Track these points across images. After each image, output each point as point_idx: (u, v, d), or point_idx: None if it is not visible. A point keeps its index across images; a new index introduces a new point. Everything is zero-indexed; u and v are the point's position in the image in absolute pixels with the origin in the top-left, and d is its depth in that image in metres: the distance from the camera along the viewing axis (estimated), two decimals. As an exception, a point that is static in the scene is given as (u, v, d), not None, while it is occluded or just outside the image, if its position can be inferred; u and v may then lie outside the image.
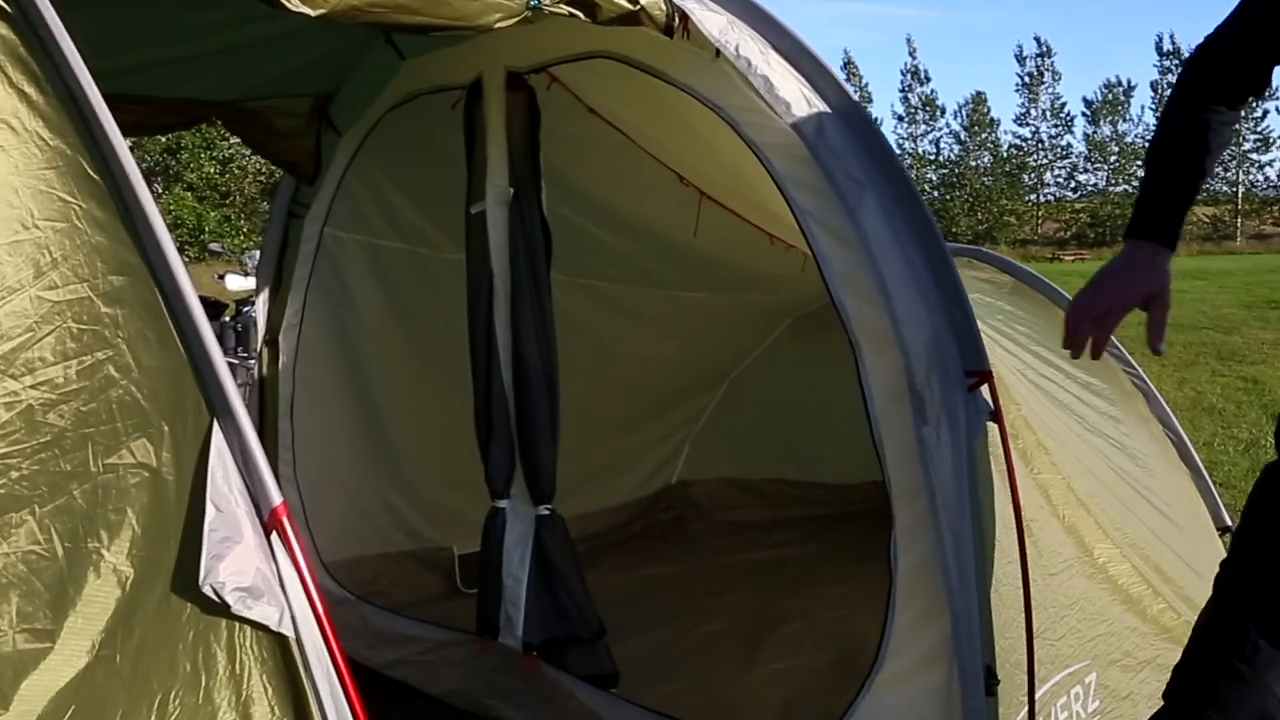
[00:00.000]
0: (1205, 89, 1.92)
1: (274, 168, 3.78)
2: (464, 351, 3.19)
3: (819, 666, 3.77)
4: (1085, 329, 1.85)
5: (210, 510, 1.42)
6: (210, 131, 25.48)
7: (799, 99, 2.33)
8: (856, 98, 2.44)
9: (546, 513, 3.11)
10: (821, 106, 2.32)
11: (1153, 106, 50.76)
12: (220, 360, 1.46)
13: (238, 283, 8.01)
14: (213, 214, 25.99)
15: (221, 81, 3.21)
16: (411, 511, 4.19)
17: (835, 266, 2.29)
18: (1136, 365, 3.90)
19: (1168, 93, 2.21)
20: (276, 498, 1.47)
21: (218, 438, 1.45)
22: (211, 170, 26.19)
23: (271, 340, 3.83)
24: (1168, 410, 4.01)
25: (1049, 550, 2.48)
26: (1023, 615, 2.24)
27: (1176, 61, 60.51)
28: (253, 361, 3.85)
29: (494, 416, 3.12)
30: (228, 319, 7.82)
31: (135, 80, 2.98)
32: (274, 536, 1.45)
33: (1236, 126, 2.08)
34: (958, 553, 2.12)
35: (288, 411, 3.81)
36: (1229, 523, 3.96)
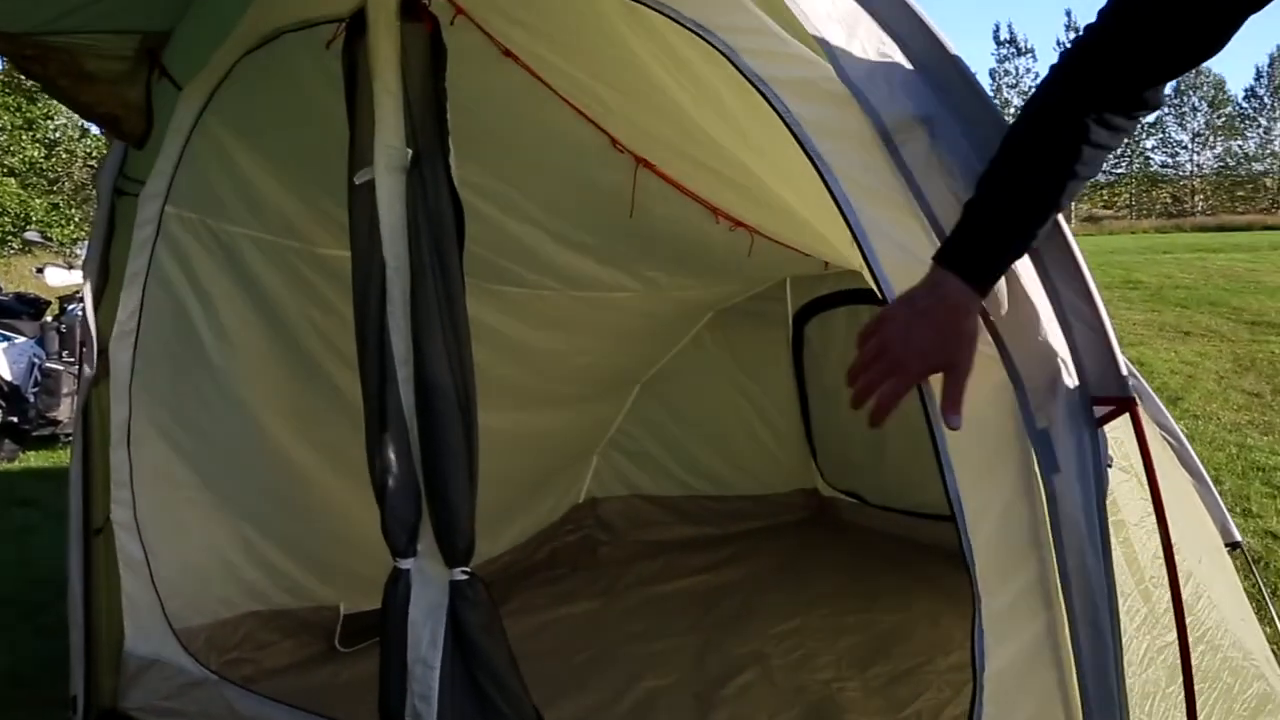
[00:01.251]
0: (1096, 84, 1.44)
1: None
2: (353, 367, 2.43)
3: (786, 728, 3.18)
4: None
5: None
6: (32, 109, 23.30)
7: (827, 15, 1.67)
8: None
9: (464, 577, 2.39)
10: (870, 24, 1.66)
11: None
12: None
13: (59, 277, 7.06)
14: (39, 201, 23.71)
15: (10, 6, 2.34)
16: (289, 564, 3.45)
17: (884, 250, 1.60)
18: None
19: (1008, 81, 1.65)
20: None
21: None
22: (35, 154, 23.90)
23: (102, 350, 2.98)
24: (1162, 408, 3.53)
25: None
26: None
27: (1014, 50, 62.77)
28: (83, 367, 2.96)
29: (391, 452, 2.37)
30: (49, 319, 6.80)
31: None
32: None
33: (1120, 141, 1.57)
34: (1096, 653, 1.49)
35: (123, 440, 2.99)
36: (1237, 538, 3.56)
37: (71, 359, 6.58)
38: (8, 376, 7.49)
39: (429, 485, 2.36)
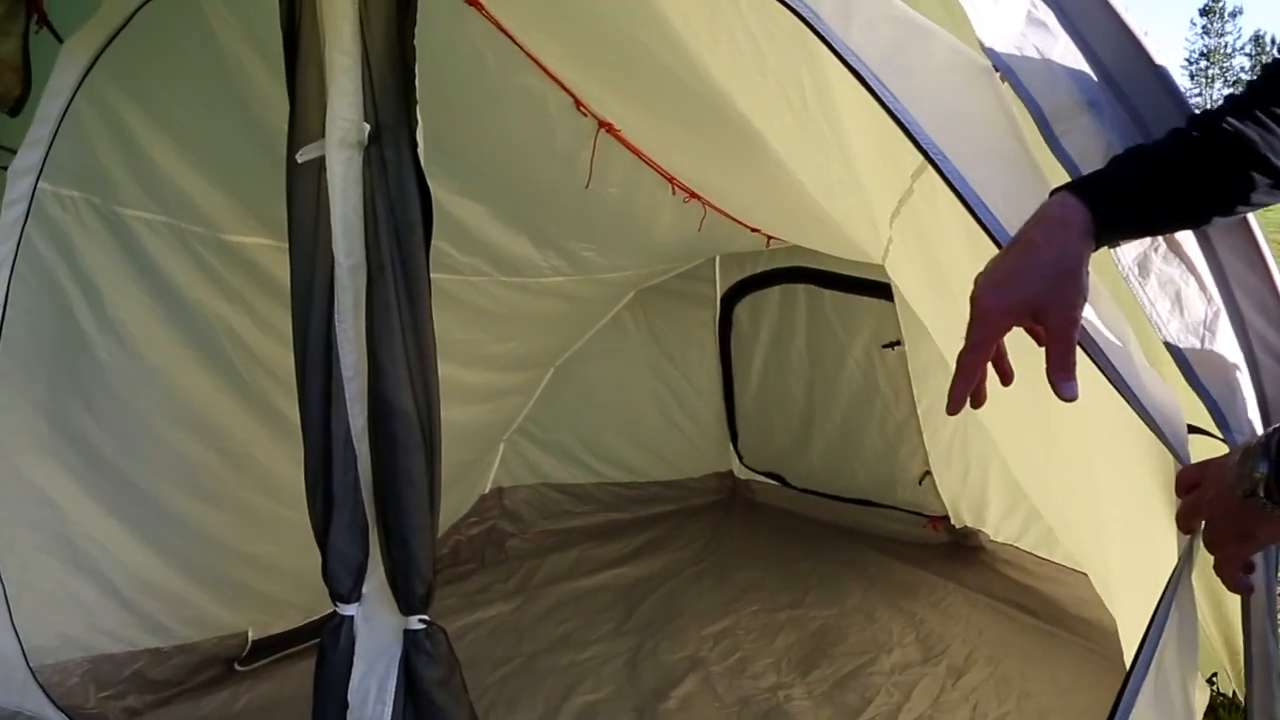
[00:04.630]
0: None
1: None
2: (284, 370, 2.04)
3: (738, 747, 2.99)
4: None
5: None
6: None
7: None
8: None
9: (421, 626, 2.06)
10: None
11: None
12: None
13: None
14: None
15: None
16: (190, 589, 3.04)
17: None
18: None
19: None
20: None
21: None
22: None
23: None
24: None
25: None
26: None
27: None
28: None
29: (336, 483, 2.00)
30: None
31: None
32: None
33: None
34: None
35: (-18, 455, 2.53)
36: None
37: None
38: None
39: (384, 522, 2.02)
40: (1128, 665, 1.38)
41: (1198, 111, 1.27)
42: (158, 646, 2.99)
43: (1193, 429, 1.33)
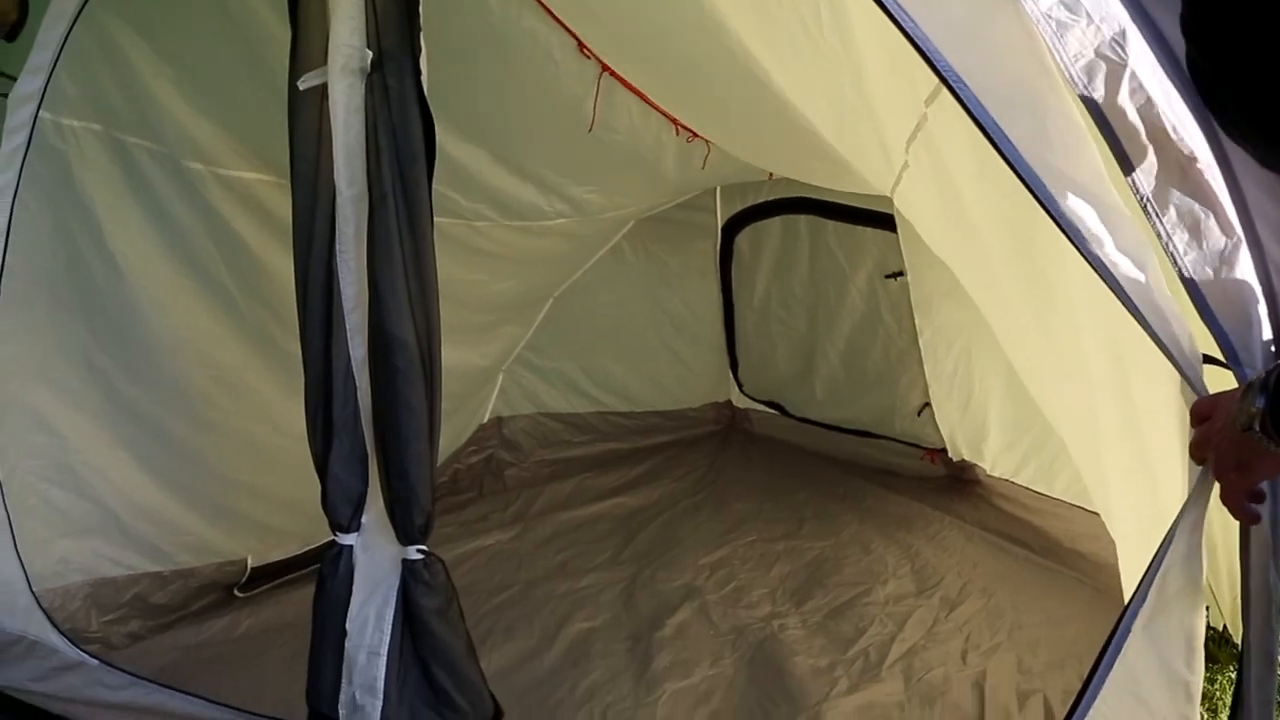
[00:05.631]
0: None
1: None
2: (280, 302, 2.01)
3: (730, 674, 3.02)
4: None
5: None
6: None
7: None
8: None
9: (420, 556, 2.06)
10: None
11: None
12: None
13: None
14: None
15: None
16: (190, 517, 3.03)
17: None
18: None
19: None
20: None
21: None
22: None
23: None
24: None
25: None
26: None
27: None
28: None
29: (336, 413, 1.99)
30: None
31: None
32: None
33: None
34: (1262, 686, 1.31)
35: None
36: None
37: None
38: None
39: (384, 452, 2.01)
40: (1128, 591, 1.39)
41: None
42: (158, 571, 3.00)
43: (1208, 359, 1.32)
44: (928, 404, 4.35)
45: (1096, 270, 1.25)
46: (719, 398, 5.27)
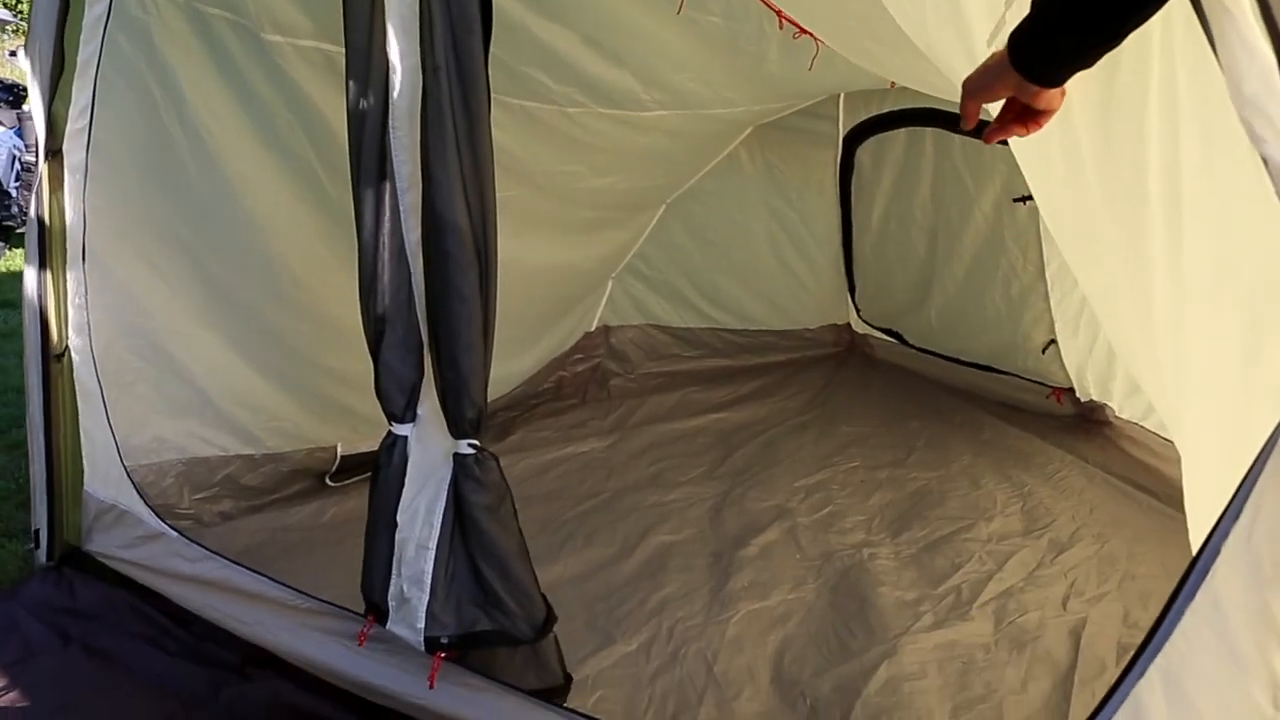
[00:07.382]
0: None
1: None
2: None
3: (810, 599, 2.89)
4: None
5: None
6: None
7: None
8: None
9: (471, 451, 2.00)
10: None
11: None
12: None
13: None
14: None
15: None
16: (280, 401, 3.07)
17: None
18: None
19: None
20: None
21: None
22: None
23: (56, 150, 2.50)
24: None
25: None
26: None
27: None
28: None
29: (389, 299, 1.94)
30: (27, 108, 6.20)
31: None
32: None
33: None
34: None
35: (79, 257, 2.54)
36: None
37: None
38: (-14, 169, 6.98)
39: (435, 341, 1.95)
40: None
41: None
42: (250, 453, 3.05)
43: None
44: (1053, 341, 4.06)
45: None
46: (838, 320, 5.08)
